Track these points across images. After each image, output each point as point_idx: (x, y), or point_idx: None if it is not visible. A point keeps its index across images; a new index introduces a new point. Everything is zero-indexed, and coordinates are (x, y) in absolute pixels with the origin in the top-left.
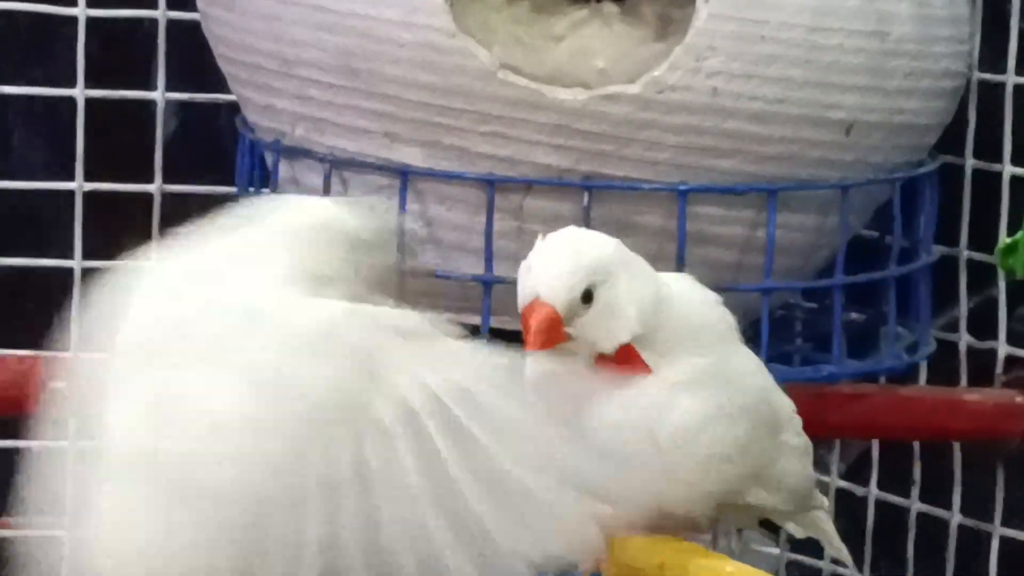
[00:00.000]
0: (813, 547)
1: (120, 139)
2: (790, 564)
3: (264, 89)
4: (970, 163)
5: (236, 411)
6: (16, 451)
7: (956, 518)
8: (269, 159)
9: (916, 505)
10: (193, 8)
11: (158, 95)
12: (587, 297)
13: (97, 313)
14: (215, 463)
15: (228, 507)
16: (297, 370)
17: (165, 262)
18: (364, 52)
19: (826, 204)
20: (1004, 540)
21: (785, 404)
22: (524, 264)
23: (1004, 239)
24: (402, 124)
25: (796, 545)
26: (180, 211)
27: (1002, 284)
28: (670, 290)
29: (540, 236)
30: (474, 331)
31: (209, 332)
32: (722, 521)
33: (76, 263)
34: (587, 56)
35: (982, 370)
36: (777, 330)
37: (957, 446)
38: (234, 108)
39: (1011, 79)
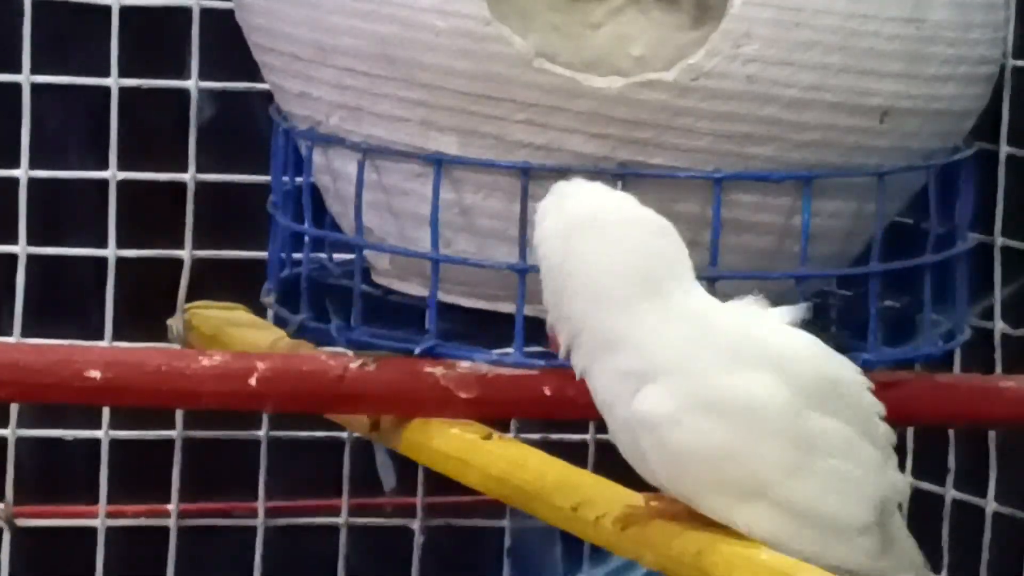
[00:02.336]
0: None
1: (154, 128)
2: None
3: (299, 77)
4: (1005, 150)
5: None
6: (52, 440)
7: (991, 506)
8: (303, 147)
9: (951, 493)
10: None
11: (192, 84)
12: None
13: None
14: None
15: None
16: None
17: None
18: (400, 40)
19: (862, 191)
20: None
21: (834, 428)
22: None
23: None
24: (438, 112)
25: None
26: (214, 200)
27: None
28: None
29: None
30: (509, 319)
31: None
32: None
33: (110, 252)
34: (624, 44)
35: (1018, 357)
36: (813, 317)
37: (993, 433)
38: (268, 97)
39: None
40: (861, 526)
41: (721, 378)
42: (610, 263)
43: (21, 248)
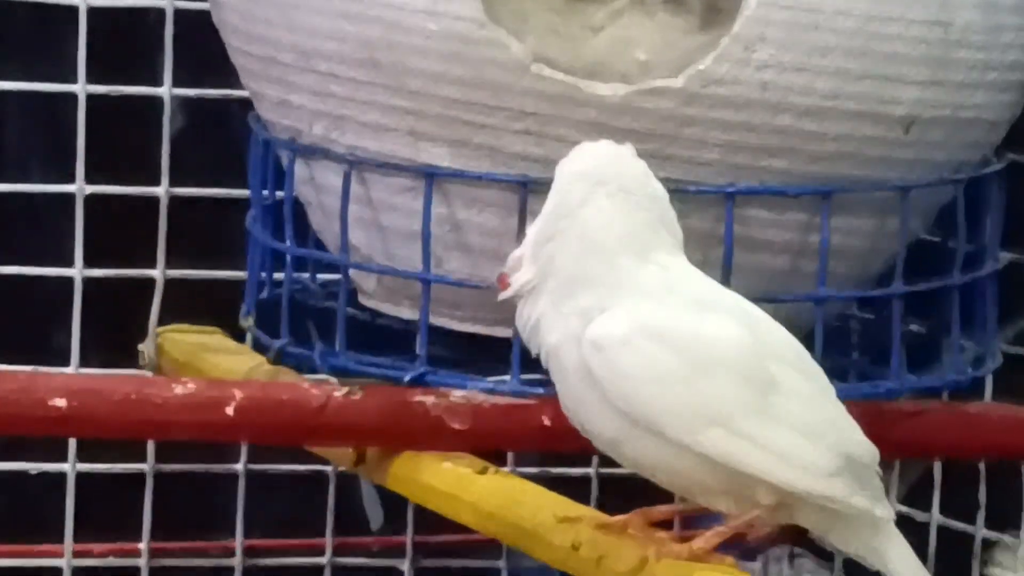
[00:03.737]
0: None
1: (124, 138)
2: None
3: (280, 84)
4: None
5: None
6: (13, 473)
7: None
8: (284, 159)
9: (982, 531)
10: None
11: (165, 91)
12: None
13: None
14: None
15: None
16: None
17: None
18: (388, 44)
19: (884, 206)
20: None
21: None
22: None
23: None
24: (428, 121)
25: (851, 572)
26: (188, 215)
27: None
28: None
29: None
30: (506, 344)
31: None
32: (748, 512)
33: (77, 271)
34: (628, 48)
35: None
36: (832, 342)
37: None
38: (246, 104)
39: None
40: (828, 471)
41: (677, 313)
42: (617, 220)
43: None
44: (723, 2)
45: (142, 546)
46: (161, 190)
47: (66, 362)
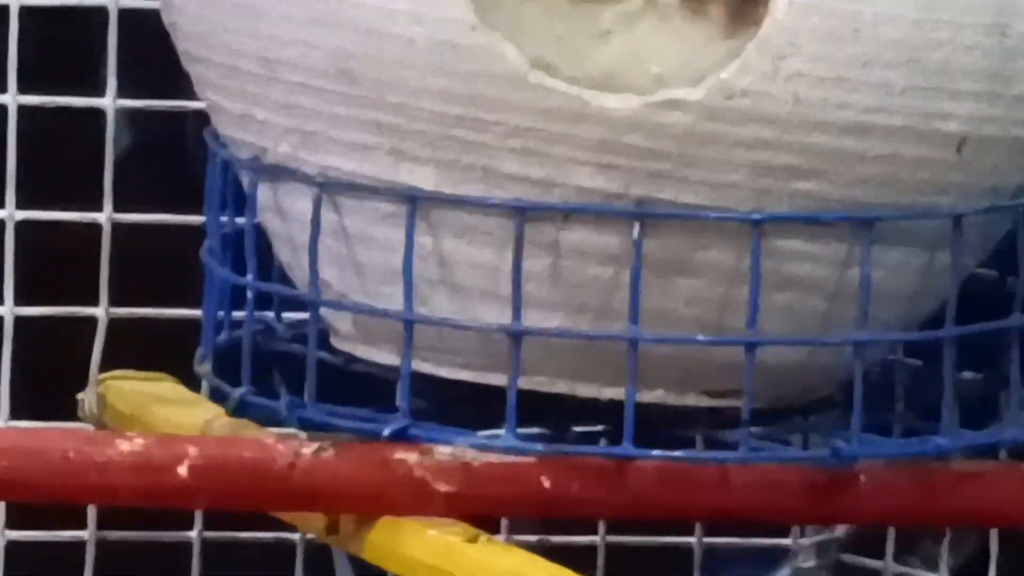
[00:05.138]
0: None
1: (61, 156)
2: None
3: (241, 96)
4: None
5: None
6: None
7: None
8: (246, 181)
9: None
10: None
11: (108, 102)
12: None
13: None
14: None
15: None
16: None
17: None
18: (366, 51)
19: (933, 237)
20: None
21: None
22: None
23: None
24: (412, 138)
25: None
26: (135, 245)
27: None
28: None
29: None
30: (499, 394)
31: None
32: None
33: (7, 309)
34: (640, 56)
35: None
36: (874, 394)
37: None
38: (203, 119)
39: None
40: None
41: None
42: None
43: None
44: (749, 5)
45: None
46: (104, 216)
47: None
